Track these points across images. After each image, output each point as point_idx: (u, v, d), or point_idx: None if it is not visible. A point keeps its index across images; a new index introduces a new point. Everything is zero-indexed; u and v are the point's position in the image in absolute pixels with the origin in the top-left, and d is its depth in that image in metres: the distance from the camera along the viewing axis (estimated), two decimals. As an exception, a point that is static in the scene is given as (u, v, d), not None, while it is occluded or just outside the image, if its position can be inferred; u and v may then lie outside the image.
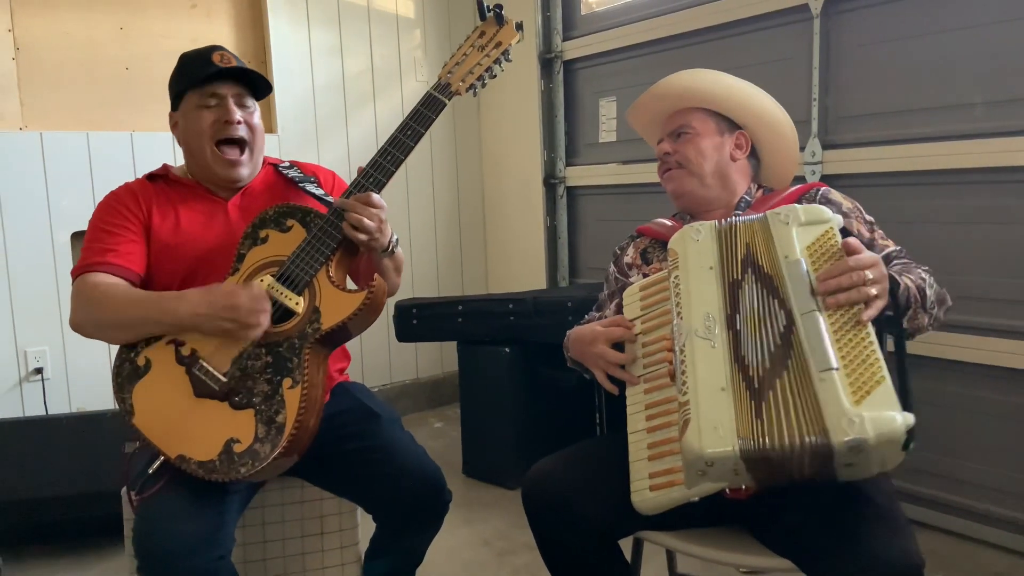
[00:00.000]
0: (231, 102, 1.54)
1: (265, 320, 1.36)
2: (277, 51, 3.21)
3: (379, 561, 1.63)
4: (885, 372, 1.08)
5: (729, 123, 1.56)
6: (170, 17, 2.99)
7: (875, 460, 1.10)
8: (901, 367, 1.24)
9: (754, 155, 1.59)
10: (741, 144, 1.56)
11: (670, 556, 1.76)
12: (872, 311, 1.14)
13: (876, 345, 1.10)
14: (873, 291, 1.15)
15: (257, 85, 1.60)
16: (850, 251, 1.18)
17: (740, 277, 1.22)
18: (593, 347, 1.40)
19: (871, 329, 1.12)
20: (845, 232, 1.23)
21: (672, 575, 1.77)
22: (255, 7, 3.20)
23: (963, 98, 2.21)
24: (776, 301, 1.18)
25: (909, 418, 1.05)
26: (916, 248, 1.52)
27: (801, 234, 1.21)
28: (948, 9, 2.22)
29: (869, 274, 1.15)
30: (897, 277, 1.25)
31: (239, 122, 1.54)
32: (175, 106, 1.60)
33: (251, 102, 1.59)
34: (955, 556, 2.18)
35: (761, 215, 1.25)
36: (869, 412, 1.05)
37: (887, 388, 1.07)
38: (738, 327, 1.19)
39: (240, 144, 1.56)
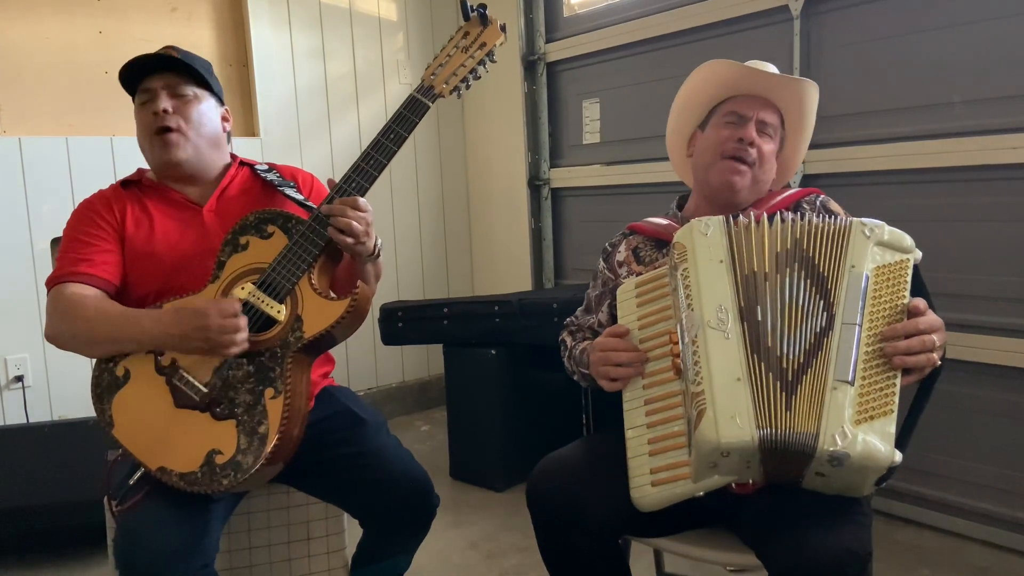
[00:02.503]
0: (161, 93, 1.50)
1: (240, 338, 1.33)
2: (259, 54, 3.19)
3: (366, 566, 1.62)
4: (895, 407, 1.10)
5: (780, 145, 1.55)
6: (150, 20, 2.97)
7: (846, 480, 1.12)
8: (917, 410, 1.23)
9: None
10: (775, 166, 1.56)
11: (658, 556, 1.76)
12: (924, 375, 1.16)
13: (898, 381, 1.12)
14: (936, 357, 1.15)
15: (200, 75, 1.54)
16: (913, 312, 1.16)
17: (768, 270, 1.21)
18: (592, 355, 1.38)
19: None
20: (917, 270, 1.22)
21: (660, 575, 1.78)
22: (236, 10, 3.18)
23: (942, 97, 2.23)
24: (823, 301, 1.18)
25: (897, 456, 1.08)
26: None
27: (876, 253, 1.19)
28: (927, 9, 2.24)
29: (936, 340, 1.15)
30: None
31: (165, 111, 1.49)
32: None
33: (190, 91, 1.52)
34: (940, 551, 2.20)
35: (848, 220, 1.23)
36: (864, 434, 1.08)
37: (890, 421, 1.09)
38: (759, 318, 1.18)
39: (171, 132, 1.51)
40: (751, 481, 1.20)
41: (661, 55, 2.96)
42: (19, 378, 2.67)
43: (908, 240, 1.21)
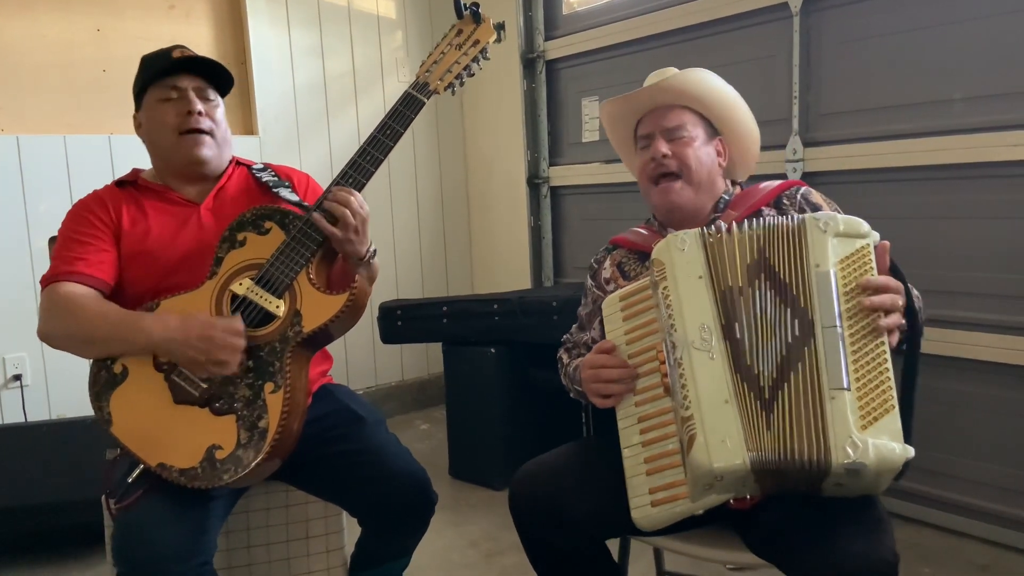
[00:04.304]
0: (192, 94, 1.51)
1: (235, 360, 1.33)
2: (257, 52, 3.18)
3: (365, 565, 1.62)
4: (895, 401, 1.08)
5: (712, 129, 1.52)
6: (148, 18, 2.96)
7: (865, 485, 1.11)
8: (909, 397, 1.22)
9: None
10: (721, 151, 1.52)
11: (657, 554, 1.76)
12: (894, 339, 1.14)
13: (891, 372, 1.10)
14: (899, 317, 1.15)
15: (220, 80, 1.57)
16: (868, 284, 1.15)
17: (742, 284, 1.19)
18: (583, 373, 1.37)
19: (889, 355, 1.11)
20: (895, 263, 1.21)
21: (660, 573, 1.77)
22: (234, 8, 3.18)
23: (942, 94, 2.23)
24: (789, 310, 1.15)
25: (909, 451, 1.07)
26: (898, 244, 1.51)
27: (836, 245, 1.17)
28: (926, 6, 2.24)
29: (900, 300, 1.14)
30: (916, 305, 1.23)
31: (201, 113, 1.51)
32: (138, 106, 1.57)
33: (213, 95, 1.56)
34: (940, 549, 2.20)
35: (799, 218, 1.20)
36: (874, 439, 1.06)
37: (895, 417, 1.08)
38: (738, 335, 1.16)
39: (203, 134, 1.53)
40: (748, 496, 1.19)
41: (660, 53, 2.95)
42: (17, 377, 2.66)
43: (864, 225, 1.19)
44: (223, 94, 1.60)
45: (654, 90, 1.50)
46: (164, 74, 1.52)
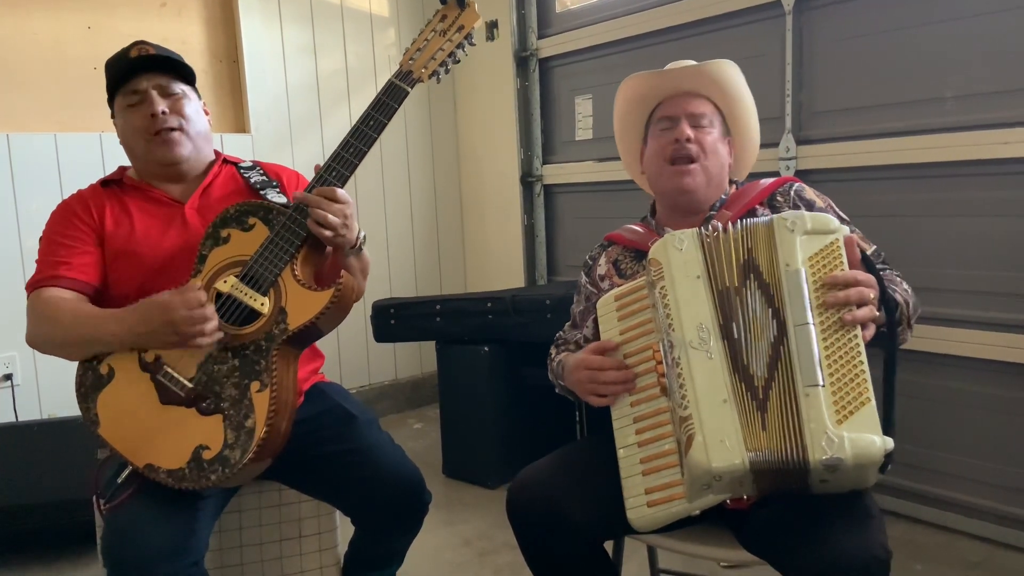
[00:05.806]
0: (153, 94, 1.49)
1: (210, 328, 1.31)
2: (249, 50, 3.17)
3: (359, 564, 1.62)
4: (871, 394, 1.08)
5: (725, 128, 1.52)
6: (139, 16, 2.94)
7: (850, 479, 1.11)
8: (889, 389, 1.21)
9: None
10: (729, 151, 1.53)
11: (651, 552, 1.76)
12: (869, 332, 1.14)
13: (866, 365, 1.10)
14: (874, 309, 1.14)
15: (185, 72, 1.54)
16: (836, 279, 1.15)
17: (738, 284, 1.19)
18: (577, 373, 1.36)
19: (863, 348, 1.11)
20: (868, 257, 1.21)
21: (653, 571, 1.77)
22: (226, 5, 3.16)
23: (934, 92, 2.23)
24: (771, 310, 1.16)
25: (888, 443, 1.07)
26: (891, 242, 1.52)
27: (805, 243, 1.17)
28: (919, 5, 2.24)
29: (871, 293, 1.14)
30: (893, 295, 1.23)
31: (164, 112, 1.48)
32: (113, 112, 1.56)
33: (179, 88, 1.52)
34: (933, 546, 2.20)
35: (768, 219, 1.21)
36: (850, 433, 1.06)
37: (871, 410, 1.07)
38: (736, 335, 1.17)
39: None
40: (745, 496, 1.19)
41: (653, 51, 2.95)
42: (8, 376, 2.65)
43: (833, 221, 1.19)
44: (192, 84, 1.56)
45: (690, 71, 1.49)
46: (124, 79, 1.49)
